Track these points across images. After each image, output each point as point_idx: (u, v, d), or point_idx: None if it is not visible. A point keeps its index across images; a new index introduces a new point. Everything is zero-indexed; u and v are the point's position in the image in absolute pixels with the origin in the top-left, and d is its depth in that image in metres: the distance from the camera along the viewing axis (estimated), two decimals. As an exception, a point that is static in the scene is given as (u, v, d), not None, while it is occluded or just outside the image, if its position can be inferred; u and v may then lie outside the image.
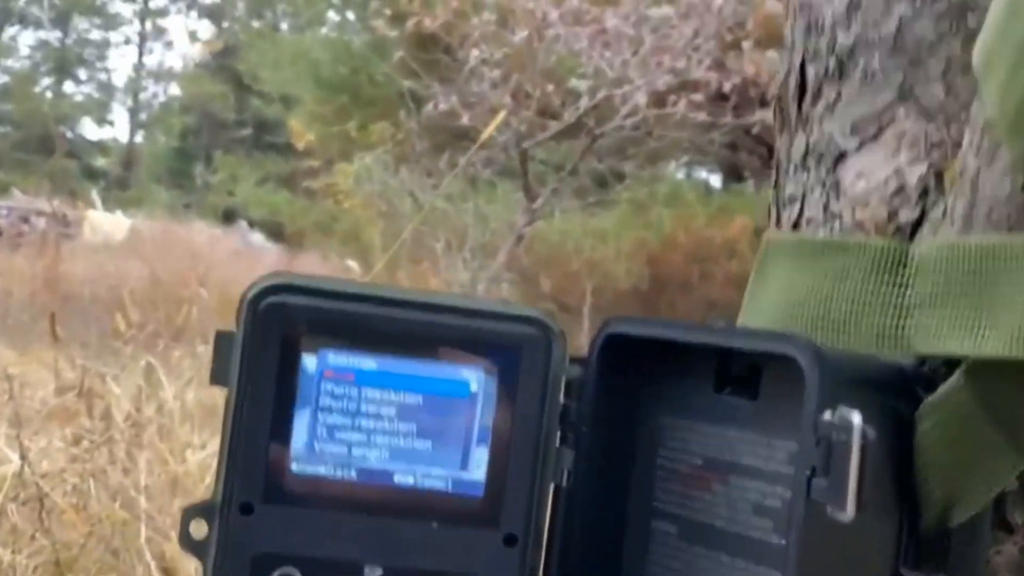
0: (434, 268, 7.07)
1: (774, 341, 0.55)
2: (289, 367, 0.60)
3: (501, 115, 4.50)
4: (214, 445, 3.28)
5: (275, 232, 11.78)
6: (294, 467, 0.60)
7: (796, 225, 0.66)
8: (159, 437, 3.40)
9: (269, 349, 0.60)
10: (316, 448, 0.60)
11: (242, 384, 0.59)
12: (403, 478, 0.60)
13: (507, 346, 0.61)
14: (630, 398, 0.64)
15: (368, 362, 0.60)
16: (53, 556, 2.73)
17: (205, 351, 4.51)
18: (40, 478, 2.92)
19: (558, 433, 0.62)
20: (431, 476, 0.60)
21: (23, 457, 2.92)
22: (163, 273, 6.63)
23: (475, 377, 0.61)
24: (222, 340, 0.60)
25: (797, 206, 0.66)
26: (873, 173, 0.62)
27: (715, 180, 10.40)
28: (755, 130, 7.40)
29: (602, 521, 0.64)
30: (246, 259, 8.94)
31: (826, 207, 0.64)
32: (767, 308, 0.62)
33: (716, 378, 0.61)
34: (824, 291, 0.60)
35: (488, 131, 3.52)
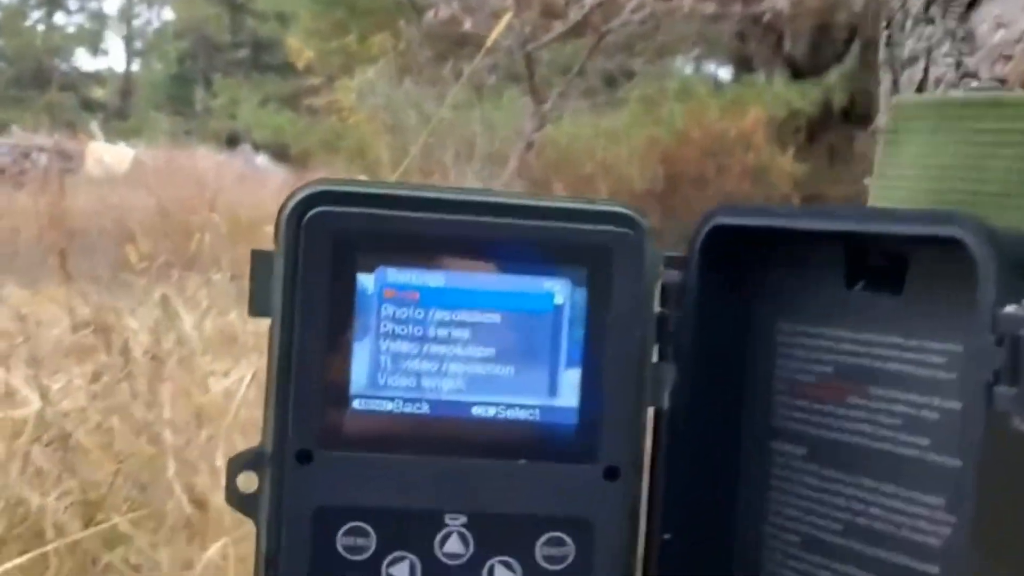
0: (444, 180, 6.95)
1: (929, 222, 0.45)
2: (343, 289, 0.51)
3: (505, 18, 4.36)
4: (237, 373, 3.24)
5: (280, 153, 11.63)
6: (356, 405, 0.51)
7: (920, 88, 0.56)
8: (180, 368, 3.34)
9: (318, 269, 0.50)
10: (380, 382, 0.51)
11: (288, 312, 0.50)
12: (483, 410, 0.52)
13: (594, 249, 0.51)
14: (740, 301, 0.55)
15: (435, 278, 0.51)
16: (82, 496, 2.68)
17: (220, 278, 4.44)
18: (62, 417, 2.87)
19: (656, 347, 0.53)
20: (515, 406, 0.52)
21: (43, 397, 2.86)
22: (170, 202, 6.53)
23: (559, 288, 0.52)
24: (260, 261, 0.51)
25: (920, 65, 0.56)
26: (1016, 20, 0.52)
27: (724, 73, 10.22)
28: (765, 18, 7.22)
29: (712, 446, 0.55)
30: (252, 183, 8.81)
31: (958, 64, 0.54)
32: (903, 186, 0.53)
33: (847, 272, 0.52)
34: (977, 160, 0.50)
35: (493, 36, 3.40)
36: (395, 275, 0.51)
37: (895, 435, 0.49)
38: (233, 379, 3.21)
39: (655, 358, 0.53)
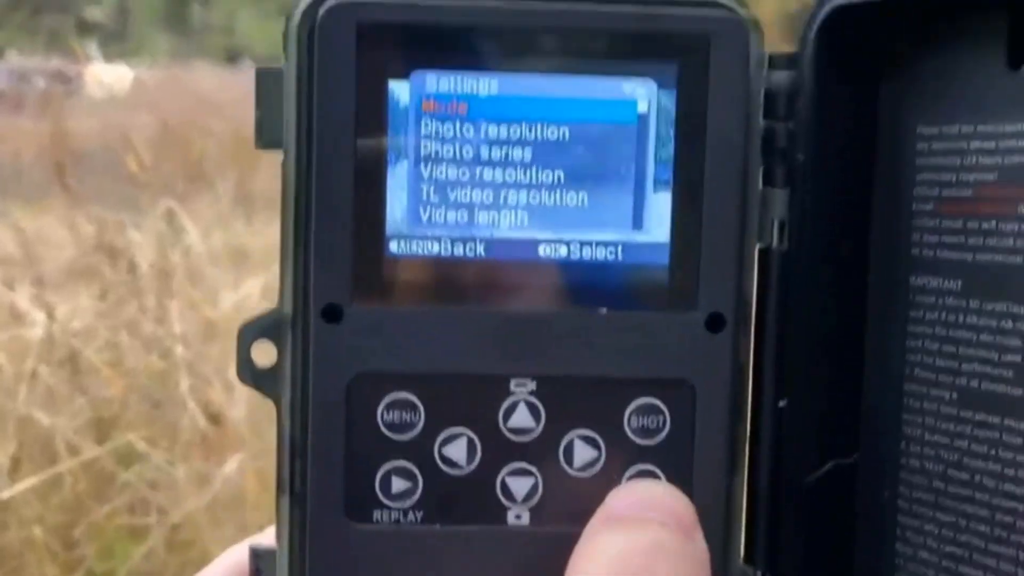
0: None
1: None
2: (370, 101, 0.40)
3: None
4: (248, 286, 3.15)
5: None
6: (393, 248, 0.40)
7: None
8: (189, 283, 3.26)
9: (338, 79, 0.39)
10: (423, 218, 0.40)
11: (303, 138, 0.39)
12: (551, 249, 0.41)
13: (686, 39, 0.40)
14: (867, 105, 0.43)
15: (486, 83, 0.40)
16: (94, 415, 2.62)
17: (225, 191, 4.34)
18: (70, 337, 2.80)
19: (761, 168, 0.42)
20: (592, 243, 0.41)
21: (49, 316, 2.79)
22: (173, 121, 6.42)
23: (643, 92, 0.40)
24: (267, 81, 0.40)
25: None
26: None
27: None
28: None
29: (836, 290, 0.44)
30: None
31: None
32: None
33: (1010, 48, 0.40)
34: None
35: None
36: (436, 81, 0.40)
37: None
38: (243, 293, 3.13)
39: (760, 184, 0.42)
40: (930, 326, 0.43)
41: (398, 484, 0.41)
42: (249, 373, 0.41)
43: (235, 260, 3.60)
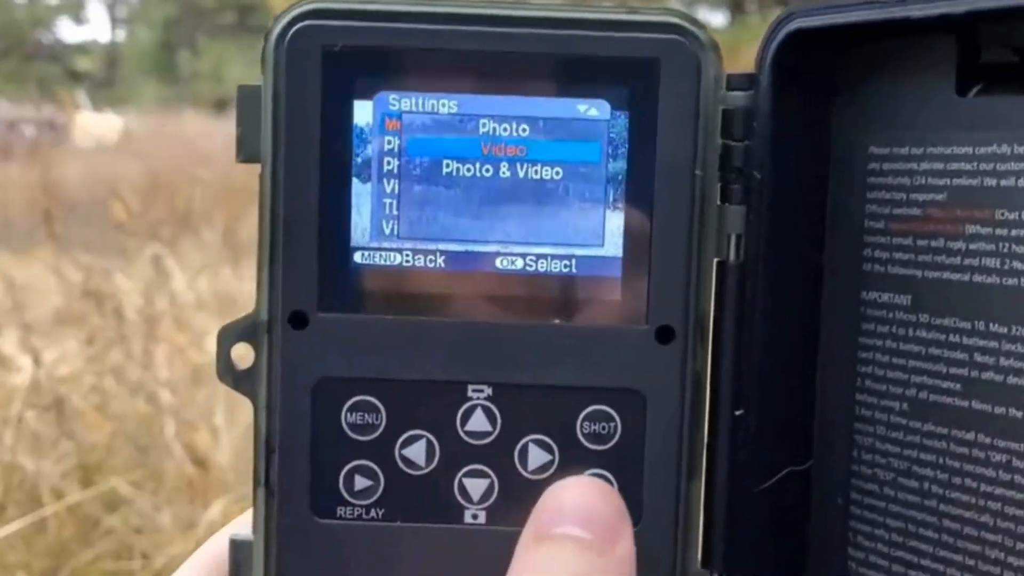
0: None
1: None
2: (336, 120, 0.42)
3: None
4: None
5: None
6: (357, 258, 0.42)
7: None
8: (175, 328, 3.26)
9: (306, 98, 0.41)
10: (386, 230, 0.42)
11: (277, 152, 0.41)
12: (509, 262, 0.42)
13: (637, 63, 0.42)
14: (822, 125, 0.45)
15: (446, 103, 0.42)
16: (79, 460, 2.61)
17: (212, 237, 4.35)
18: (59, 383, 2.80)
19: (719, 185, 0.43)
20: (547, 256, 0.42)
21: (36, 362, 2.79)
22: (161, 169, 6.44)
23: (597, 113, 0.42)
24: (246, 98, 0.42)
25: None
26: None
27: (715, 19, 10.09)
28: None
29: (791, 302, 0.45)
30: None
31: None
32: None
33: (957, 73, 0.42)
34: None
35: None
36: (399, 101, 0.42)
37: None
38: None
39: (718, 200, 0.44)
40: (881, 339, 0.44)
41: (361, 482, 0.42)
42: (230, 374, 0.43)
43: (221, 306, 3.60)
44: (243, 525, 0.44)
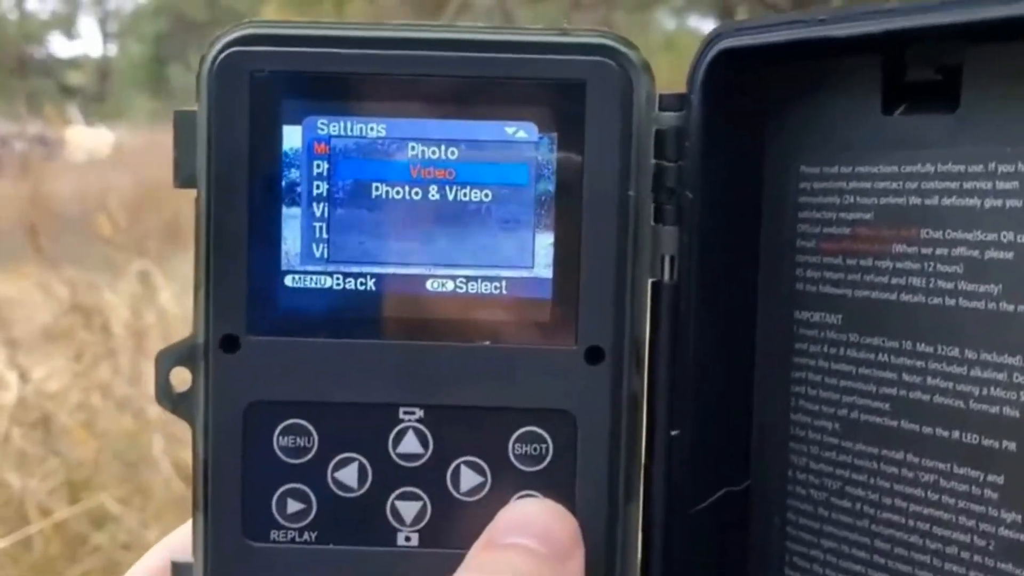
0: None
1: (1002, 1, 0.35)
2: (265, 145, 0.42)
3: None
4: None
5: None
6: (288, 282, 0.42)
7: None
8: (163, 343, 3.25)
9: (236, 124, 0.42)
10: (316, 254, 0.42)
11: (211, 176, 0.42)
12: (439, 284, 0.42)
13: (563, 85, 0.42)
14: (752, 145, 0.45)
15: (374, 127, 0.42)
16: (66, 477, 2.60)
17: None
18: (46, 400, 2.79)
19: (651, 206, 0.43)
20: (477, 278, 0.42)
21: (23, 378, 2.78)
22: (151, 183, 6.43)
23: (524, 135, 0.42)
24: (182, 123, 0.42)
25: None
26: None
27: (705, 26, 10.08)
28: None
29: (724, 323, 0.45)
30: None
31: None
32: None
33: (884, 94, 0.42)
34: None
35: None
36: (326, 126, 0.42)
37: (956, 286, 0.39)
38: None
39: (652, 219, 0.44)
40: (813, 359, 0.44)
41: (293, 506, 0.42)
42: (167, 398, 0.43)
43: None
44: (185, 537, 0.44)
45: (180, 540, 0.45)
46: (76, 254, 4.29)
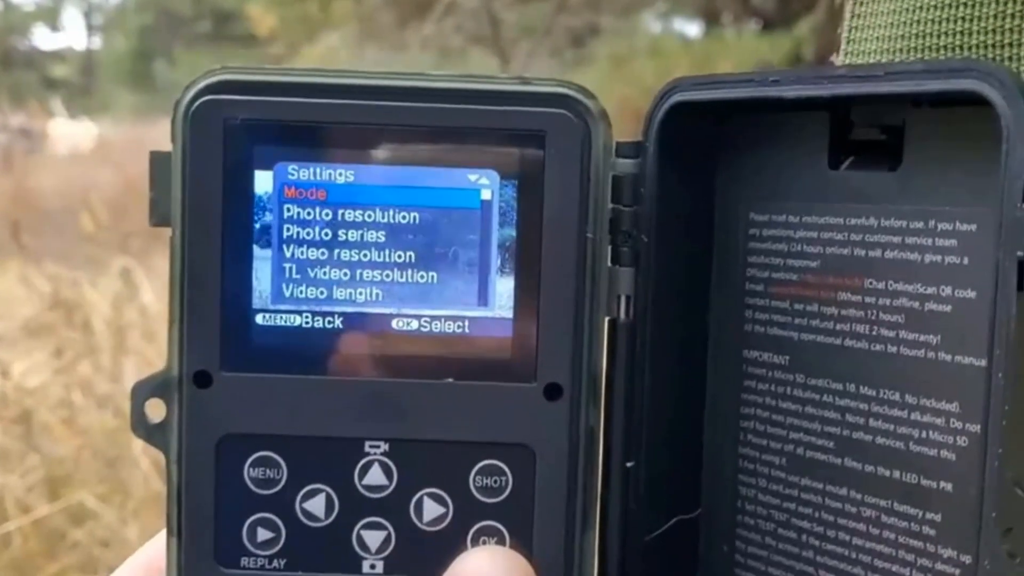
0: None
1: (940, 75, 0.37)
2: (238, 189, 0.44)
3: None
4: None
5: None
6: (259, 320, 0.44)
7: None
8: (144, 340, 3.27)
9: (209, 168, 0.43)
10: (286, 294, 0.44)
11: (185, 216, 0.43)
12: (404, 323, 0.44)
13: (524, 134, 0.44)
14: (705, 192, 0.47)
15: (342, 173, 0.44)
16: (46, 473, 2.61)
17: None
18: (27, 396, 2.80)
19: (609, 248, 0.45)
20: (440, 318, 0.44)
21: (3, 373, 2.79)
22: (135, 178, 6.43)
23: (487, 182, 0.44)
24: (158, 164, 0.44)
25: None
26: None
27: (691, 30, 10.12)
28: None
29: (677, 360, 0.47)
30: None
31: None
32: (875, 49, 0.45)
33: (831, 149, 0.44)
34: (963, 8, 0.42)
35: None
36: (297, 171, 0.44)
37: (897, 334, 0.41)
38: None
39: (609, 262, 0.46)
40: (761, 396, 0.46)
41: (263, 534, 0.44)
42: (142, 428, 0.45)
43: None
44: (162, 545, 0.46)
45: (156, 548, 0.46)
46: (58, 250, 4.30)
